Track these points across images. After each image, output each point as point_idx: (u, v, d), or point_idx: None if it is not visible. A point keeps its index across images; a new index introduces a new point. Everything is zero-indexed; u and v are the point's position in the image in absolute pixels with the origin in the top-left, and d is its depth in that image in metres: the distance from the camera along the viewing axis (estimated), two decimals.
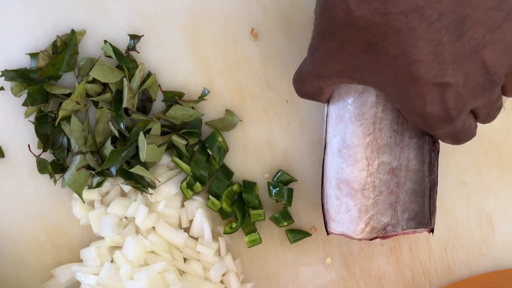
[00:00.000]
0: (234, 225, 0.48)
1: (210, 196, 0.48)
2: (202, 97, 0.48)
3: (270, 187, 0.48)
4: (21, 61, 0.48)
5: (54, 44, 0.48)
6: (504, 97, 0.38)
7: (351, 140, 0.41)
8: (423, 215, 0.42)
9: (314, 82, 0.39)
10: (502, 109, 0.39)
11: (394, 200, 0.42)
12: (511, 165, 0.49)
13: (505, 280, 0.49)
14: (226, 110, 0.49)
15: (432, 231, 0.42)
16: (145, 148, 0.45)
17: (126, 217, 0.48)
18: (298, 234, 0.49)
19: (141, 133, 0.45)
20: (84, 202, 0.48)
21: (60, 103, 0.48)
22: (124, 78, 0.46)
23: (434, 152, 0.42)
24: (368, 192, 0.42)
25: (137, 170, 0.46)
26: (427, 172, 0.42)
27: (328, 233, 0.43)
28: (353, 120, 0.41)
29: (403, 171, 0.42)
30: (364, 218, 0.42)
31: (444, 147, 0.48)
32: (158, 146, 0.46)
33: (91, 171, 0.47)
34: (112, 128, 0.47)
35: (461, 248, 0.50)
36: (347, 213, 0.42)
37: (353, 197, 0.41)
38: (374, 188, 0.42)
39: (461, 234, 0.50)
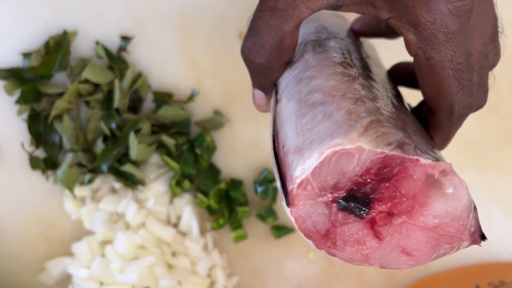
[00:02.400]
0: (221, 221, 0.50)
1: (198, 194, 0.50)
2: (191, 98, 0.50)
3: (256, 185, 0.50)
4: (14, 60, 0.49)
5: (46, 44, 0.49)
6: (492, 77, 0.33)
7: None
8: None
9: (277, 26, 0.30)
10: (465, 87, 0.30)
11: (401, 124, 0.28)
12: (484, 165, 0.52)
13: (477, 274, 0.52)
14: (215, 110, 0.51)
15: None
16: (135, 147, 0.47)
17: (117, 213, 0.50)
18: (282, 230, 0.51)
19: (132, 133, 0.47)
20: (76, 198, 0.49)
21: (53, 102, 0.49)
22: (116, 79, 0.48)
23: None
24: (357, 100, 0.28)
25: (128, 168, 0.48)
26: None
27: (289, 201, 0.26)
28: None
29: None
30: (360, 120, 0.26)
31: None
32: (148, 145, 0.48)
33: (83, 169, 0.49)
34: (104, 127, 0.48)
35: None
36: (327, 119, 0.27)
37: (333, 102, 0.28)
38: (366, 98, 0.29)
39: None
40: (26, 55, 0.49)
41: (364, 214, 0.27)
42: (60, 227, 0.52)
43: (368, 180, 0.26)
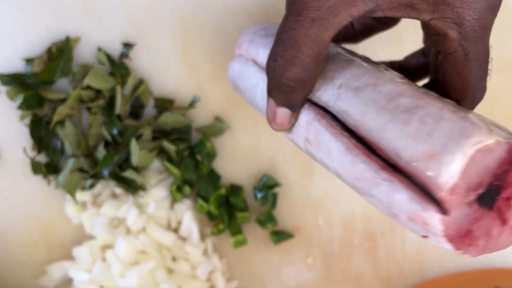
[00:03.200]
0: (221, 226, 0.51)
1: (198, 199, 0.50)
2: (192, 105, 0.51)
3: (256, 191, 0.51)
4: (16, 66, 0.50)
5: (49, 50, 0.49)
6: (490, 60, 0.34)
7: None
8: None
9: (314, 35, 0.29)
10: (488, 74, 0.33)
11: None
12: None
13: (473, 280, 0.53)
14: (215, 116, 0.51)
15: None
16: (137, 153, 0.47)
17: (117, 218, 0.51)
18: (281, 235, 0.52)
19: (134, 140, 0.47)
20: (77, 203, 0.50)
21: (55, 108, 0.49)
22: (117, 86, 0.48)
23: None
24: (437, 98, 0.29)
25: (129, 174, 0.48)
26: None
27: (443, 209, 0.26)
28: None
29: None
30: (471, 116, 0.28)
31: None
32: (149, 151, 0.49)
33: (84, 174, 0.49)
34: (105, 132, 0.49)
35: (433, 249, 0.53)
36: (442, 121, 0.27)
37: (428, 104, 0.28)
38: None
39: None
40: (29, 61, 0.49)
41: (494, 204, 0.27)
42: (61, 231, 0.52)
43: (503, 171, 0.27)
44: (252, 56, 0.38)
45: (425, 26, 0.32)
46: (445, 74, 0.31)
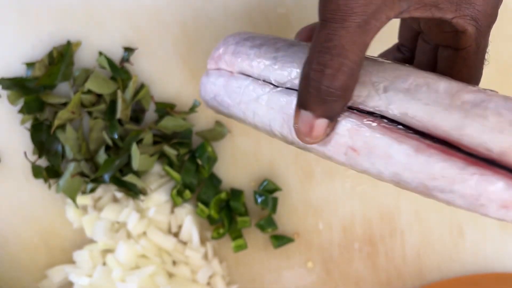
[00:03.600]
0: (221, 231, 0.51)
1: (199, 203, 0.51)
2: (193, 109, 0.51)
3: (256, 195, 0.51)
4: (17, 70, 0.50)
5: (50, 54, 0.49)
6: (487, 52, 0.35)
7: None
8: None
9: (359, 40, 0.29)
10: (486, 62, 0.35)
11: None
12: None
13: (472, 285, 0.53)
14: (216, 121, 0.51)
15: None
16: (137, 157, 0.47)
17: (118, 222, 0.51)
18: (281, 240, 0.52)
19: (134, 144, 0.47)
20: (77, 207, 0.50)
21: (56, 112, 0.49)
22: (118, 90, 0.48)
23: None
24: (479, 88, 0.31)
25: (130, 178, 0.48)
26: None
27: None
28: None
29: None
30: None
31: None
32: (150, 155, 0.49)
33: (85, 178, 0.49)
34: (106, 137, 0.49)
35: (433, 254, 0.53)
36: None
37: (489, 96, 0.30)
38: None
39: (433, 240, 0.53)
40: (30, 65, 0.49)
41: None
42: (61, 235, 0.52)
43: None
44: (242, 69, 0.36)
45: (434, 25, 0.33)
46: (453, 67, 0.32)
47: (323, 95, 0.29)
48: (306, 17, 0.50)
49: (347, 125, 0.31)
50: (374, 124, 0.31)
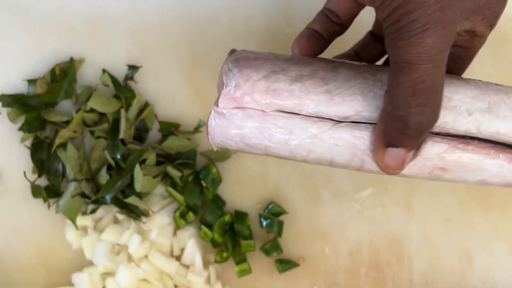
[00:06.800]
0: (225, 254, 0.50)
1: (202, 226, 0.49)
2: (197, 129, 0.50)
3: (262, 218, 0.50)
4: (18, 86, 0.49)
5: (52, 71, 0.48)
6: None
7: None
8: None
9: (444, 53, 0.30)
10: None
11: None
12: (491, 203, 0.52)
13: None
14: None
15: None
16: (140, 179, 0.46)
17: (119, 244, 0.49)
18: (286, 264, 0.51)
19: (137, 166, 0.46)
20: (77, 229, 0.49)
21: (57, 130, 0.48)
22: (122, 109, 0.47)
23: None
24: None
25: (132, 200, 0.47)
26: None
27: None
28: None
29: None
30: None
31: (429, 186, 0.50)
32: (153, 177, 0.47)
33: (85, 199, 0.48)
34: (108, 156, 0.48)
35: (441, 281, 0.52)
36: None
37: None
38: None
39: (442, 267, 0.52)
40: (31, 81, 0.48)
41: None
42: (60, 257, 0.51)
43: None
44: (284, 107, 0.33)
45: None
46: (455, 61, 0.35)
47: (423, 131, 0.31)
48: None
49: (437, 150, 0.33)
50: (469, 147, 0.33)
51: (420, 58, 0.29)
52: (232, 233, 0.50)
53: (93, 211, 0.49)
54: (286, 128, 0.33)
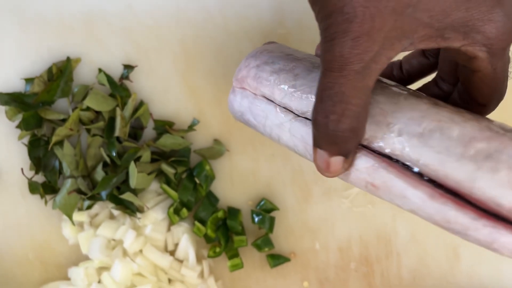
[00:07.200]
0: (217, 249, 0.51)
1: (196, 222, 0.50)
2: (191, 127, 0.51)
3: (254, 214, 0.51)
4: (16, 85, 0.50)
5: (49, 70, 0.49)
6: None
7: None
8: None
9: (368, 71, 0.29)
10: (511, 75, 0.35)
11: None
12: None
13: None
14: (214, 139, 0.51)
15: None
16: (135, 176, 0.47)
17: (114, 239, 0.50)
18: (278, 259, 0.52)
19: (132, 163, 0.47)
20: (74, 224, 0.50)
21: (53, 128, 0.49)
22: (117, 108, 0.48)
23: None
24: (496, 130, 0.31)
25: (127, 196, 0.48)
26: None
27: None
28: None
29: None
30: None
31: None
32: (148, 174, 0.49)
33: (81, 195, 0.49)
34: (104, 154, 0.49)
35: (429, 276, 0.53)
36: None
37: (503, 143, 0.29)
38: None
39: (429, 263, 0.53)
40: (29, 80, 0.49)
41: None
42: (57, 251, 0.52)
43: None
44: (264, 94, 0.37)
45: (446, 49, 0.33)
46: (472, 85, 0.33)
47: (332, 138, 0.31)
48: (306, 37, 0.50)
49: (365, 164, 0.32)
50: (391, 168, 0.31)
51: (331, 65, 0.29)
52: (224, 229, 0.51)
53: (89, 207, 0.50)
54: (264, 112, 0.37)
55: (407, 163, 0.30)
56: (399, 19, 0.28)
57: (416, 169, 0.30)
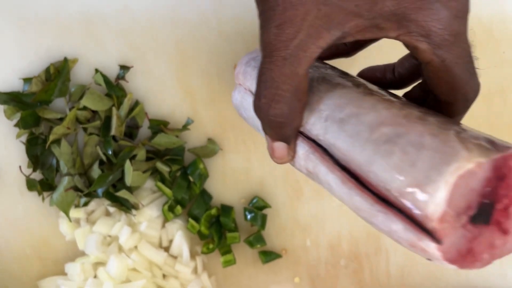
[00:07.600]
0: (211, 246, 0.52)
1: (189, 219, 0.52)
2: (185, 126, 0.52)
3: (246, 212, 0.52)
4: (14, 84, 0.51)
5: (47, 70, 0.50)
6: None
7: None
8: None
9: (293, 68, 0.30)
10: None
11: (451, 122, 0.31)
12: None
13: None
14: (208, 138, 0.52)
15: None
16: (131, 174, 0.49)
17: (110, 236, 0.52)
18: (270, 256, 0.53)
19: (128, 162, 0.48)
20: (70, 221, 0.51)
21: (51, 127, 0.50)
22: (113, 107, 0.50)
23: None
24: (420, 120, 0.29)
25: (123, 194, 0.49)
26: None
27: (437, 239, 0.26)
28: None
29: None
30: (451, 138, 0.27)
31: None
32: (143, 172, 0.50)
33: (78, 192, 0.50)
34: (100, 152, 0.50)
35: (417, 273, 0.55)
36: (422, 149, 0.27)
37: (408, 131, 0.28)
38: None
39: (418, 260, 0.55)
40: (27, 80, 0.50)
41: (491, 218, 0.27)
42: (54, 247, 0.53)
43: (490, 187, 0.27)
44: (249, 87, 0.39)
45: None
46: (430, 80, 0.32)
47: (267, 122, 0.32)
48: None
49: (301, 150, 0.33)
50: (316, 152, 0.32)
51: (264, 53, 0.30)
52: (218, 226, 0.52)
53: (85, 204, 0.51)
54: (249, 104, 0.38)
55: (326, 148, 0.31)
56: (323, 8, 0.29)
57: (332, 154, 0.30)
